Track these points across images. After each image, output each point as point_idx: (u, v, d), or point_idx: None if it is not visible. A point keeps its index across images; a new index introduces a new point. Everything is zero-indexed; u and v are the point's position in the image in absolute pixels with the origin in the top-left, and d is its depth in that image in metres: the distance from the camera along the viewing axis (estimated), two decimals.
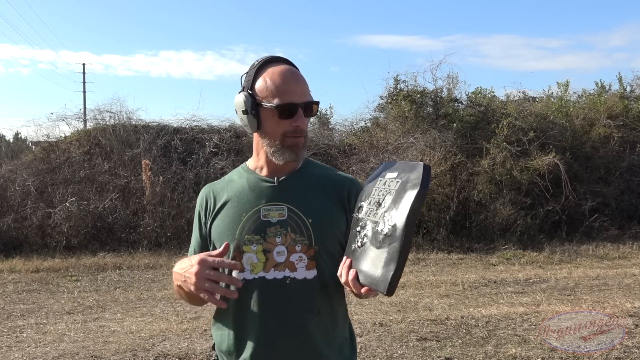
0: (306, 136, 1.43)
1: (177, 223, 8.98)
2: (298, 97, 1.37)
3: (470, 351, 4.22)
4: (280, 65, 1.41)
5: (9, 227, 8.74)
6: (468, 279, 6.85)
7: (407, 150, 9.77)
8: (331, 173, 1.53)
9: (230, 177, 1.54)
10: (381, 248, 1.16)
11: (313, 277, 1.38)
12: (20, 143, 14.12)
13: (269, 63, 1.42)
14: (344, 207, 1.44)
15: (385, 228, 1.16)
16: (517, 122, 10.00)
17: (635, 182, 10.45)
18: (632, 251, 8.55)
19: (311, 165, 1.52)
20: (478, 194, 9.40)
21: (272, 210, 1.41)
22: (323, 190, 1.46)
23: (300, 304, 1.38)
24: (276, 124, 1.38)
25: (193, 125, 10.92)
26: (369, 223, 1.22)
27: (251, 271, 1.38)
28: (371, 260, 1.18)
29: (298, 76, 1.41)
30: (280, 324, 1.37)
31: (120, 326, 4.97)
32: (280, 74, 1.38)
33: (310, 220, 1.40)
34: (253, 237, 1.39)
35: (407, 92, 10.87)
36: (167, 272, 7.36)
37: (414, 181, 1.15)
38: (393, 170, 1.25)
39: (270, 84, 1.38)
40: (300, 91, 1.38)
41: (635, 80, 12.49)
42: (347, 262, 1.26)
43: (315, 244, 1.39)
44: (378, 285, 1.15)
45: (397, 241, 1.13)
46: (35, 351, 4.31)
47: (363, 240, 1.22)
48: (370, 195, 1.27)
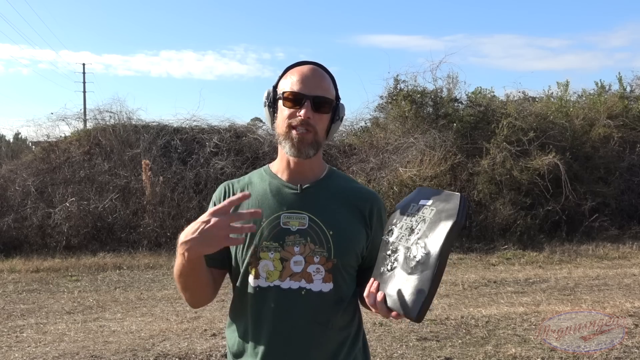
0: (316, 133, 1.38)
1: (177, 223, 8.97)
2: (308, 90, 1.37)
3: (470, 351, 4.22)
4: (308, 65, 1.42)
5: (9, 227, 8.74)
6: (468, 278, 6.85)
7: (407, 150, 9.77)
8: (355, 186, 1.50)
9: (250, 179, 1.50)
10: (412, 274, 1.16)
11: (329, 290, 1.36)
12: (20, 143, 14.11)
13: (301, 64, 1.43)
14: (365, 223, 1.42)
15: (419, 255, 1.15)
16: (517, 122, 10.00)
17: (635, 182, 10.45)
18: (632, 251, 8.56)
19: (335, 176, 1.49)
20: (478, 194, 9.41)
21: (292, 218, 1.38)
22: (346, 202, 1.43)
23: (313, 316, 1.35)
24: (282, 113, 1.39)
25: (193, 125, 10.92)
26: (400, 248, 1.22)
27: (266, 279, 1.36)
28: (401, 285, 1.17)
29: (317, 72, 1.41)
30: (291, 334, 1.35)
31: (120, 326, 4.97)
32: (300, 70, 1.40)
33: (331, 232, 1.37)
34: (271, 244, 1.36)
35: (407, 92, 10.87)
36: (167, 272, 7.36)
37: (450, 211, 1.15)
38: (427, 198, 1.24)
39: (289, 78, 1.40)
40: (312, 84, 1.38)
41: (635, 80, 12.50)
42: (375, 285, 1.24)
43: (335, 257, 1.36)
44: (407, 311, 1.15)
45: (429, 269, 1.13)
46: (35, 351, 4.31)
47: (393, 264, 1.21)
48: (402, 220, 1.26)
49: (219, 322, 4.96)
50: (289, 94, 1.37)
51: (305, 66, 1.42)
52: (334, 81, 1.45)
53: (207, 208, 1.30)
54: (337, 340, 1.39)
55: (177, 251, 1.27)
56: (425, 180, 9.08)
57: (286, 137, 1.38)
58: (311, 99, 1.36)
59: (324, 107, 1.38)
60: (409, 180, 9.07)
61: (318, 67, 1.43)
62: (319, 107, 1.37)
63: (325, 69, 1.44)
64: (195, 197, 9.28)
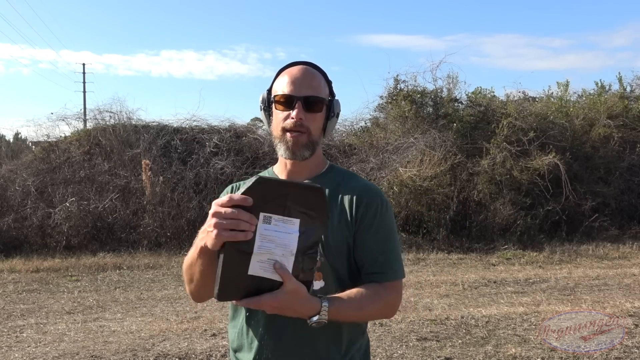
0: (310, 134, 1.39)
1: (177, 223, 8.98)
2: (297, 91, 1.38)
3: (470, 351, 4.22)
4: (298, 66, 1.43)
5: (9, 227, 8.74)
6: (468, 278, 6.85)
7: (407, 150, 9.78)
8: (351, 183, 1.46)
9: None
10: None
11: (319, 288, 1.37)
12: (20, 143, 14.11)
13: (291, 65, 1.44)
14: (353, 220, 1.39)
15: None
16: (517, 122, 10.00)
17: (635, 182, 10.46)
18: (632, 251, 8.56)
19: (334, 172, 1.48)
20: (478, 194, 9.41)
21: None
22: (340, 201, 1.42)
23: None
24: (276, 117, 1.41)
25: (193, 125, 10.93)
26: None
27: None
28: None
29: (307, 72, 1.41)
30: (282, 330, 1.37)
31: (120, 326, 4.97)
32: (290, 72, 1.41)
33: None
34: None
35: (407, 92, 10.87)
36: (167, 272, 7.37)
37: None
38: None
39: (281, 80, 1.41)
40: (302, 85, 1.39)
41: (635, 80, 12.50)
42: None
43: (323, 255, 1.37)
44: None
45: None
46: (35, 351, 4.31)
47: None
48: None
49: (219, 322, 4.96)
50: (280, 97, 1.40)
51: (295, 67, 1.43)
52: (326, 78, 1.45)
53: (207, 208, 1.30)
54: (330, 338, 1.39)
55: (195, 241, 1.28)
56: (425, 180, 9.08)
57: (281, 140, 1.41)
58: (302, 100, 1.38)
59: (316, 106, 1.40)
60: (409, 180, 9.07)
61: (309, 66, 1.43)
62: (311, 106, 1.39)
63: (317, 67, 1.45)
64: (195, 197, 9.29)
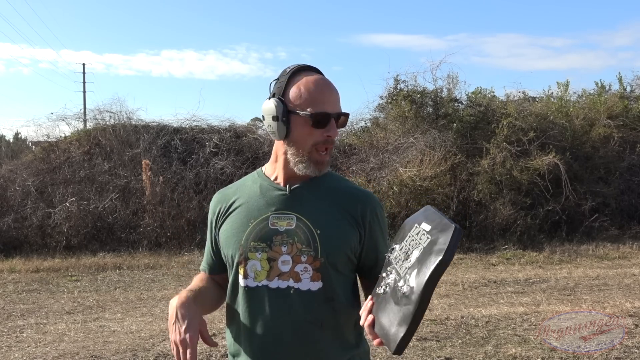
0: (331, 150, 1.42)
1: (177, 223, 8.98)
2: (331, 108, 1.37)
3: (470, 351, 4.22)
4: (314, 74, 1.41)
5: (9, 227, 8.74)
6: (468, 278, 6.85)
7: (407, 150, 9.78)
8: (347, 186, 1.49)
9: (244, 181, 1.53)
10: (398, 305, 1.17)
11: (318, 289, 1.36)
12: (20, 143, 14.12)
13: (302, 71, 1.41)
14: (357, 223, 1.41)
15: (405, 287, 1.16)
16: (517, 122, 9.99)
17: (635, 182, 10.45)
18: (632, 251, 8.55)
19: (327, 175, 1.47)
20: (478, 194, 9.40)
21: (280, 218, 1.39)
22: (335, 202, 1.42)
23: (303, 314, 1.36)
24: (308, 133, 1.37)
25: (193, 125, 10.94)
26: (393, 273, 1.23)
27: (254, 278, 1.38)
28: (387, 314, 1.19)
29: (332, 87, 1.41)
30: (282, 333, 1.36)
31: (120, 326, 4.97)
32: (315, 83, 1.38)
33: (319, 231, 1.37)
34: (259, 245, 1.38)
35: (407, 92, 10.86)
36: (167, 272, 7.37)
37: (441, 245, 1.14)
38: (429, 221, 1.23)
39: (304, 91, 1.36)
40: (333, 101, 1.39)
41: (635, 80, 12.48)
42: (369, 305, 1.25)
43: (321, 256, 1.36)
44: (389, 342, 1.16)
45: (412, 305, 1.13)
46: (35, 351, 4.31)
47: (386, 288, 1.23)
48: (403, 240, 1.27)
49: (219, 322, 4.96)
50: (319, 115, 1.35)
51: (317, 77, 1.40)
52: None
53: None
54: (330, 341, 1.39)
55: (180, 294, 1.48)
56: (425, 180, 9.08)
57: (309, 155, 1.39)
58: (335, 117, 1.38)
59: (344, 122, 1.42)
60: (409, 180, 9.07)
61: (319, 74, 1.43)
62: (341, 123, 1.41)
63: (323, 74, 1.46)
64: (195, 197, 9.29)
